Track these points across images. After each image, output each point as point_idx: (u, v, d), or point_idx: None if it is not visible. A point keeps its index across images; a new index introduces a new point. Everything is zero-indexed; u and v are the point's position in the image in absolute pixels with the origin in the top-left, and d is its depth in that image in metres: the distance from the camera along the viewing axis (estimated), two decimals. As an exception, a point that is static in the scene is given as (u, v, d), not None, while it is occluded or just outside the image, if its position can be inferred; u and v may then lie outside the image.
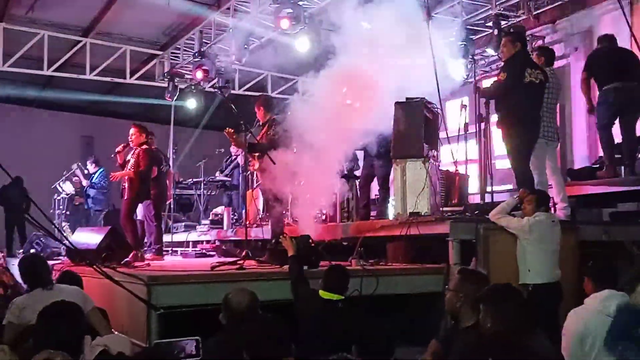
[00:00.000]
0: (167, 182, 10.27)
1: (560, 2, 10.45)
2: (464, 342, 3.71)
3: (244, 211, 9.76)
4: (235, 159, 12.12)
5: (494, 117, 7.17)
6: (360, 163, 9.60)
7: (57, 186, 12.29)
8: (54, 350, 2.95)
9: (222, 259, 8.04)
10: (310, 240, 6.50)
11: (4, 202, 10.22)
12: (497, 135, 7.31)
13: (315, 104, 7.79)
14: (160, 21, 13.09)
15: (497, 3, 10.52)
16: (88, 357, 3.54)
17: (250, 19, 11.43)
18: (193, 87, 14.15)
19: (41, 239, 10.77)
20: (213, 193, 12.99)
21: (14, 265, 8.47)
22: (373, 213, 9.01)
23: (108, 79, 14.57)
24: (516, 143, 6.95)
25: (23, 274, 5.09)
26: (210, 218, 11.51)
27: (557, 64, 8.70)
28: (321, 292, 5.00)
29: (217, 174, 12.48)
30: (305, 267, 5.84)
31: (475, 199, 7.95)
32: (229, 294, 3.95)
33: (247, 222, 8.92)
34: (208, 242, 11.18)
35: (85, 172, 12.25)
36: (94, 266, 5.51)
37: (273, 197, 7.46)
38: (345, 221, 8.58)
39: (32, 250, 10.12)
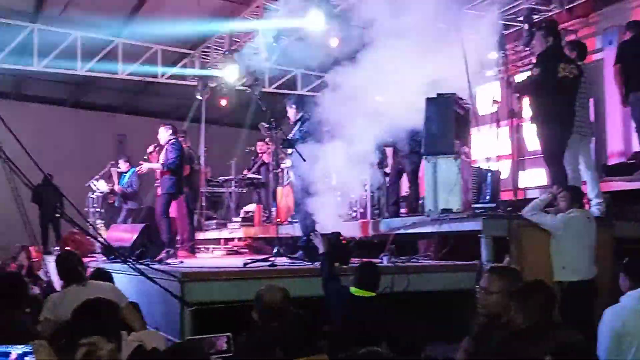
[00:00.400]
0: (199, 180, 10.34)
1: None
2: (496, 339, 3.67)
3: (274, 208, 9.80)
4: (262, 156, 12.18)
5: (527, 113, 7.09)
6: (389, 160, 9.57)
7: (91, 184, 12.46)
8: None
9: (254, 256, 8.08)
10: (341, 237, 6.50)
11: (38, 200, 10.38)
12: (530, 131, 7.22)
13: (344, 99, 7.79)
14: (190, 20, 13.17)
15: (528, -3, 10.40)
16: (124, 353, 3.59)
17: (279, 17, 11.45)
18: (224, 85, 14.25)
19: (76, 236, 10.93)
20: (244, 191, 13.07)
21: (50, 262, 8.66)
22: (403, 210, 8.98)
23: (140, 78, 14.77)
24: (549, 139, 6.86)
25: (59, 270, 5.18)
26: (241, 216, 11.58)
27: (591, 58, 8.55)
28: (353, 289, 5.00)
29: (245, 171, 12.56)
30: (336, 264, 5.84)
31: (508, 196, 7.87)
32: (261, 290, 3.97)
33: (278, 220, 8.98)
34: (239, 239, 11.26)
35: (118, 170, 12.40)
36: (129, 263, 5.57)
37: (304, 194, 7.48)
38: (376, 218, 8.55)
39: (68, 248, 10.28)
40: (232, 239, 11.48)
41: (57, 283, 6.45)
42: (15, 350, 2.93)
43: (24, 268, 10.62)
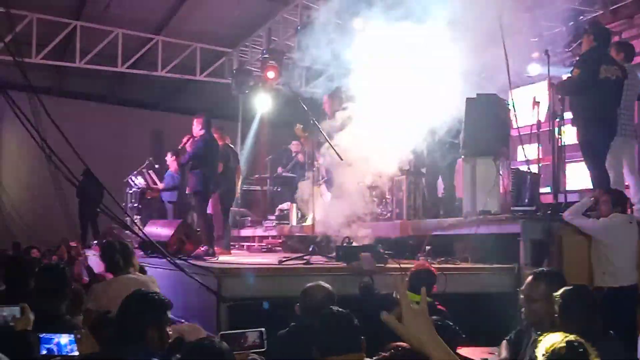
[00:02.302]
0: (235, 178, 10.36)
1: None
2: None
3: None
4: (295, 156, 12.18)
5: (569, 115, 6.97)
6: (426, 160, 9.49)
7: (130, 180, 12.64)
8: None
9: (289, 254, 8.10)
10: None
11: (81, 195, 10.58)
12: (571, 133, 7.10)
13: (383, 98, 7.76)
14: (229, 18, 13.28)
15: (572, -2, 10.21)
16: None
17: (318, 15, 11.45)
18: (261, 84, 14.31)
19: (114, 231, 11.09)
20: (278, 189, 13.11)
21: (89, 255, 8.80)
22: (441, 211, 8.89)
23: (178, 75, 14.94)
24: (590, 142, 6.75)
25: (103, 259, 5.24)
26: (276, 214, 11.62)
27: (637, 59, 8.37)
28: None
29: (279, 169, 12.58)
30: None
31: (547, 199, 7.75)
32: (307, 287, 4.02)
33: (313, 218, 8.97)
34: (274, 237, 11.29)
35: (157, 166, 12.56)
36: (167, 258, 5.64)
37: (339, 193, 7.47)
38: (412, 218, 8.49)
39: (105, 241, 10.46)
40: (267, 237, 11.53)
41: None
42: (60, 338, 2.99)
43: (64, 261, 10.80)
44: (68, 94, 17.88)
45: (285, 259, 6.68)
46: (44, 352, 3.13)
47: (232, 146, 10.60)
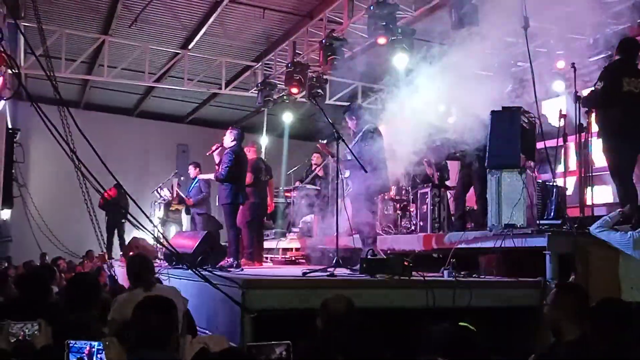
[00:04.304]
0: (268, 191, 10.40)
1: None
2: (566, 358, 3.57)
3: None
4: (315, 169, 12.20)
5: (595, 127, 6.92)
6: (451, 173, 9.46)
7: (156, 192, 12.78)
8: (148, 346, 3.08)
9: (312, 267, 8.10)
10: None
11: (108, 207, 10.73)
12: (597, 146, 7.04)
13: (406, 113, 7.77)
14: (254, 32, 13.41)
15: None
16: (187, 355, 3.66)
17: (342, 29, 11.52)
18: (286, 98, 14.40)
19: (140, 242, 11.21)
20: (302, 202, 13.12)
21: (114, 267, 8.90)
22: (469, 225, 8.83)
23: (204, 89, 15.09)
24: (615, 154, 6.68)
25: (129, 271, 5.31)
26: (299, 226, 11.64)
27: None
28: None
29: (297, 183, 12.59)
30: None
31: (574, 213, 7.67)
32: (328, 299, 4.01)
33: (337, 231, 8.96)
34: (297, 249, 11.31)
35: (183, 178, 12.66)
36: (194, 270, 5.68)
37: (362, 206, 7.47)
38: (437, 232, 8.46)
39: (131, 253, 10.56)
40: (291, 249, 11.55)
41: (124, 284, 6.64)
42: (90, 346, 3.03)
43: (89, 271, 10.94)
44: (95, 107, 18.16)
45: (309, 271, 6.69)
46: (74, 360, 3.18)
47: (264, 159, 10.66)
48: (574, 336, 3.63)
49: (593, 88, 6.89)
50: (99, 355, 3.05)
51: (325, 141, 7.78)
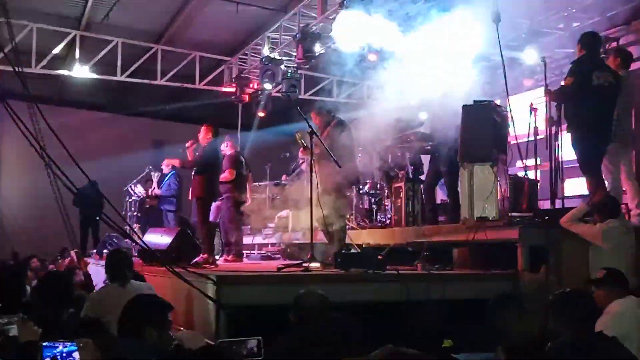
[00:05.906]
0: (248, 185, 10.37)
1: (634, 3, 10.10)
2: (534, 351, 3.62)
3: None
4: (301, 164, 12.18)
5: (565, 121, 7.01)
6: (425, 167, 9.52)
7: (129, 189, 12.67)
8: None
9: (287, 262, 8.11)
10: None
11: (80, 204, 10.59)
12: (568, 139, 7.13)
13: (381, 108, 7.80)
14: (228, 27, 13.35)
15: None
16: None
17: (315, 24, 11.52)
18: (260, 92, 14.36)
19: (114, 239, 11.12)
20: (278, 197, 13.10)
21: (89, 265, 8.80)
22: (441, 218, 8.91)
23: (178, 84, 14.99)
24: (584, 148, 6.77)
25: (107, 266, 5.28)
26: (275, 221, 11.62)
27: (634, 65, 8.40)
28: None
29: (283, 177, 12.58)
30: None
31: (545, 205, 7.78)
32: (300, 294, 4.02)
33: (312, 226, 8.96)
34: (273, 245, 11.30)
35: (158, 174, 12.56)
36: (167, 266, 5.66)
37: (335, 201, 7.47)
38: (411, 225, 8.52)
39: (105, 251, 10.46)
40: (266, 245, 11.54)
41: (99, 285, 6.58)
42: (63, 347, 3.01)
43: (64, 270, 10.81)
44: (68, 103, 17.92)
45: (284, 266, 6.70)
46: (47, 360, 3.15)
47: (242, 154, 10.63)
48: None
49: (563, 83, 6.99)
50: (72, 355, 3.03)
51: (300, 134, 7.73)
